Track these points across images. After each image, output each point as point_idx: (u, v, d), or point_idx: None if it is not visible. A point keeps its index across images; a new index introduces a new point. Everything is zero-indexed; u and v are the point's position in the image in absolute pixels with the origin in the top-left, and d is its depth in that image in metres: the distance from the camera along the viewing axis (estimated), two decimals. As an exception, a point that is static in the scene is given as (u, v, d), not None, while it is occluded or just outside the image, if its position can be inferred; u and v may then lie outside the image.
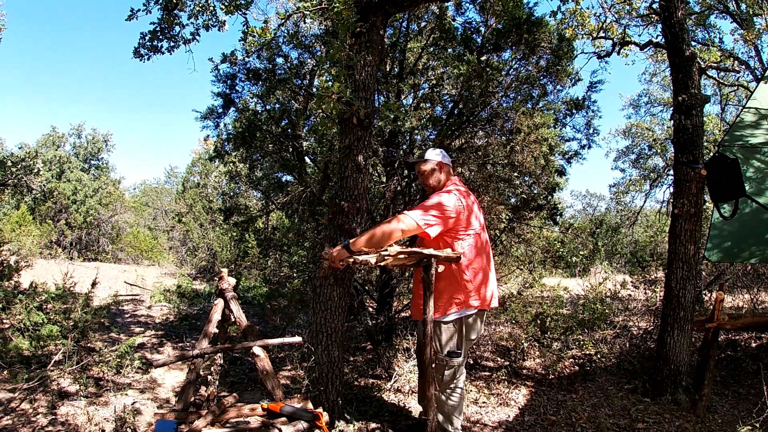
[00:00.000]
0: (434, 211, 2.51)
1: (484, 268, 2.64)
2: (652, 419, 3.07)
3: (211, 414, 2.21)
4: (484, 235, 2.72)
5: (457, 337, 2.59)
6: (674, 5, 3.55)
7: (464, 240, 2.58)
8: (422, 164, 2.78)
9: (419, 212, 2.50)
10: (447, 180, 2.77)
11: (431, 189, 2.78)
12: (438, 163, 2.76)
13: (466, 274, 2.56)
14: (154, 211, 19.00)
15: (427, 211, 2.50)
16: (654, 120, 14.12)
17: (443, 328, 2.57)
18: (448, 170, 2.80)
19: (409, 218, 2.47)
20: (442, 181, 2.76)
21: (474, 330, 2.66)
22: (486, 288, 2.64)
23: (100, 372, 3.48)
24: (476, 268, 2.59)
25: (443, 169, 2.77)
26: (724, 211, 3.72)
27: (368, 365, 4.22)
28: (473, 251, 2.60)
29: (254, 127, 4.62)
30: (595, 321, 4.61)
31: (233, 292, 2.96)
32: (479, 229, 2.67)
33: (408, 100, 4.90)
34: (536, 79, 4.35)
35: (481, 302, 2.60)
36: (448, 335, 2.58)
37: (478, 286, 2.59)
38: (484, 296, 2.63)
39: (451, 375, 2.61)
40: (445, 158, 2.80)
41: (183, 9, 3.57)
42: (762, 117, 3.49)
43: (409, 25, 4.64)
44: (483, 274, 2.62)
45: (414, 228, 2.47)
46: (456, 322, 2.58)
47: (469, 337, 2.65)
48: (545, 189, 4.70)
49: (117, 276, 8.93)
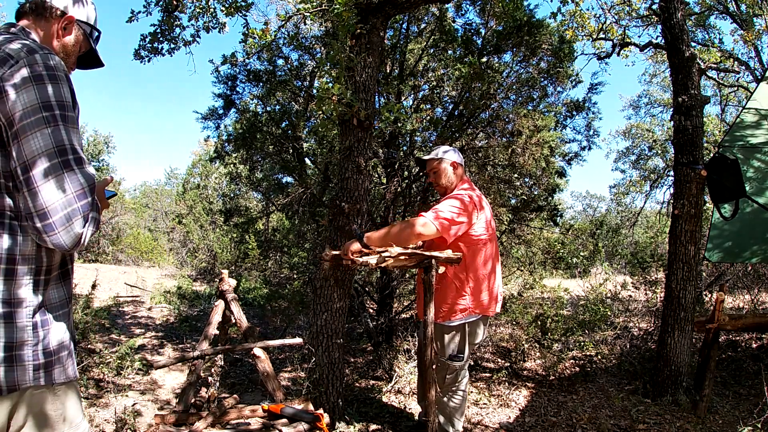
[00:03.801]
0: (453, 214, 2.39)
1: (492, 274, 2.58)
2: (653, 420, 3.07)
3: (211, 415, 2.21)
4: (495, 241, 2.64)
5: (459, 341, 2.55)
6: (674, 6, 3.56)
7: (476, 245, 2.51)
8: (435, 162, 2.65)
9: (437, 215, 2.37)
10: (460, 181, 2.65)
11: (443, 189, 2.66)
12: (452, 162, 2.63)
13: (472, 281, 2.50)
14: (155, 212, 19.00)
15: (446, 215, 2.38)
16: (654, 121, 14.14)
17: (447, 332, 2.53)
18: (461, 170, 2.68)
19: (429, 223, 2.34)
20: (455, 182, 2.63)
21: (477, 334, 2.61)
22: (492, 295, 2.58)
23: (100, 373, 3.48)
24: (484, 275, 2.52)
25: (457, 169, 2.64)
26: (725, 212, 3.71)
27: (369, 367, 4.21)
28: (483, 257, 2.52)
29: (255, 128, 4.63)
30: (595, 322, 4.61)
31: (234, 294, 2.96)
32: (491, 235, 2.59)
33: (408, 101, 4.91)
34: (537, 81, 4.35)
35: (485, 309, 2.54)
36: (451, 339, 2.54)
37: (483, 292, 2.53)
38: (489, 303, 2.56)
39: (453, 378, 2.59)
40: (460, 157, 2.67)
41: (183, 11, 3.58)
42: (762, 117, 3.49)
43: (409, 26, 4.65)
44: (490, 280, 2.55)
45: (432, 233, 2.36)
46: (460, 326, 2.54)
47: (473, 342, 2.61)
48: (546, 190, 4.71)
49: (117, 277, 8.93)
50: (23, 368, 1.08)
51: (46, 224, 1.04)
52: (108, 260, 11.98)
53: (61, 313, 1.17)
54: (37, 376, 1.09)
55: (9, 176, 1.07)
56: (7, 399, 1.07)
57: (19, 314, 1.07)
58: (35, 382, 1.09)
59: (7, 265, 1.06)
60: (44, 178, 1.03)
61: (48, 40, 1.24)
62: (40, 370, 1.10)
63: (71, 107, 1.11)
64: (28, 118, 1.04)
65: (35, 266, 1.11)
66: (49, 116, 1.05)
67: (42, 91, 1.06)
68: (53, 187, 1.04)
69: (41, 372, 1.10)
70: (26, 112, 1.04)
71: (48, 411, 1.13)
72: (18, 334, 1.07)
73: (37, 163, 1.03)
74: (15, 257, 1.07)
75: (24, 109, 1.04)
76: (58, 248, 1.07)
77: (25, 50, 1.08)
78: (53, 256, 1.16)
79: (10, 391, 1.07)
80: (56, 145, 1.05)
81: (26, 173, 1.03)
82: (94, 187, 1.12)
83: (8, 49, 1.08)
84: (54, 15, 1.24)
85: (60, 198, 1.04)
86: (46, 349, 1.11)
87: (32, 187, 1.03)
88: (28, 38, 1.16)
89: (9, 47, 1.09)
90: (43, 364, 1.11)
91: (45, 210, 1.03)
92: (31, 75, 1.06)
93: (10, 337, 1.06)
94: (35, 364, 1.09)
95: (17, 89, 1.04)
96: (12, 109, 1.04)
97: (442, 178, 2.64)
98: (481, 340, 2.69)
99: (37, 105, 1.05)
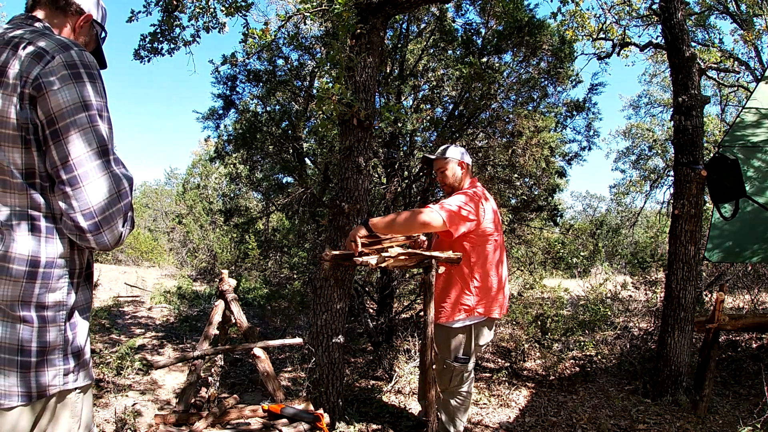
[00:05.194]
0: (461, 209, 2.36)
1: (498, 275, 2.55)
2: (653, 420, 3.07)
3: (211, 415, 2.21)
4: (500, 242, 2.61)
5: (465, 343, 2.52)
6: (674, 6, 3.55)
7: (482, 245, 2.48)
8: (443, 161, 2.63)
9: (444, 208, 2.34)
10: (466, 180, 2.65)
11: (449, 188, 2.65)
12: (460, 161, 2.62)
13: (476, 280, 2.48)
14: (154, 212, 19.00)
15: (453, 208, 2.34)
16: (654, 121, 14.15)
17: (452, 334, 2.51)
18: (469, 170, 2.68)
19: (435, 213, 2.30)
20: (462, 182, 2.63)
21: (483, 336, 2.58)
22: (497, 296, 2.55)
23: (100, 373, 3.48)
24: (489, 275, 2.50)
25: (464, 168, 2.64)
26: (725, 212, 3.71)
27: (369, 367, 4.21)
28: (489, 257, 2.50)
29: (255, 128, 4.63)
30: (595, 322, 4.61)
31: (234, 294, 2.96)
32: (498, 235, 2.57)
33: (408, 101, 4.91)
34: (537, 81, 4.35)
35: (490, 310, 2.52)
36: (456, 341, 2.52)
37: (488, 293, 2.51)
38: (494, 305, 2.54)
39: (458, 380, 2.56)
40: (467, 157, 2.67)
41: (183, 11, 3.58)
42: (763, 116, 3.49)
43: (409, 26, 4.65)
44: (495, 281, 2.53)
45: (439, 225, 2.30)
46: (465, 328, 2.51)
47: (478, 343, 2.59)
48: (546, 190, 4.71)
49: (117, 277, 8.93)
50: (55, 372, 1.05)
51: (91, 223, 1.02)
52: (108, 260, 11.98)
53: (86, 316, 1.16)
54: (66, 381, 1.07)
55: (45, 176, 1.05)
56: (36, 405, 1.04)
57: (52, 318, 1.05)
58: (64, 386, 1.07)
59: (44, 269, 1.04)
60: (89, 177, 1.01)
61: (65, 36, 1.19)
62: (69, 374, 1.08)
63: (107, 106, 1.10)
64: (70, 117, 1.01)
65: (69, 269, 1.09)
66: (92, 115, 1.03)
67: (82, 89, 1.03)
68: (98, 187, 1.02)
69: (70, 376, 1.08)
70: (68, 111, 1.01)
71: (69, 416, 1.11)
72: (51, 338, 1.04)
73: (83, 163, 1.01)
74: (52, 260, 1.05)
75: (66, 107, 1.01)
76: (101, 247, 1.05)
77: (58, 45, 1.05)
78: (83, 258, 1.14)
79: (40, 397, 1.04)
80: (99, 144, 1.04)
81: (70, 173, 1.01)
82: (133, 186, 1.11)
83: (40, 44, 1.04)
84: (72, 11, 1.21)
85: (105, 197, 1.03)
86: (75, 351, 1.09)
87: (77, 187, 1.01)
88: (52, 32, 1.13)
89: (39, 41, 1.05)
90: (73, 368, 1.09)
91: (90, 209, 1.01)
92: (70, 72, 1.03)
93: (43, 342, 1.03)
94: (65, 368, 1.07)
95: (57, 87, 1.01)
96: (54, 107, 1.01)
97: (450, 177, 2.63)
98: (487, 342, 2.66)
99: (79, 104, 1.02)
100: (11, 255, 1.01)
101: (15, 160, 1.03)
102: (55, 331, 1.05)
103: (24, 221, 1.04)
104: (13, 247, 1.02)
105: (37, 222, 1.04)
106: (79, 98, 1.02)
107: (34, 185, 1.04)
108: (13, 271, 1.01)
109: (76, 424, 1.12)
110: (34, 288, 1.03)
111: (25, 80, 1.01)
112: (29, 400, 1.02)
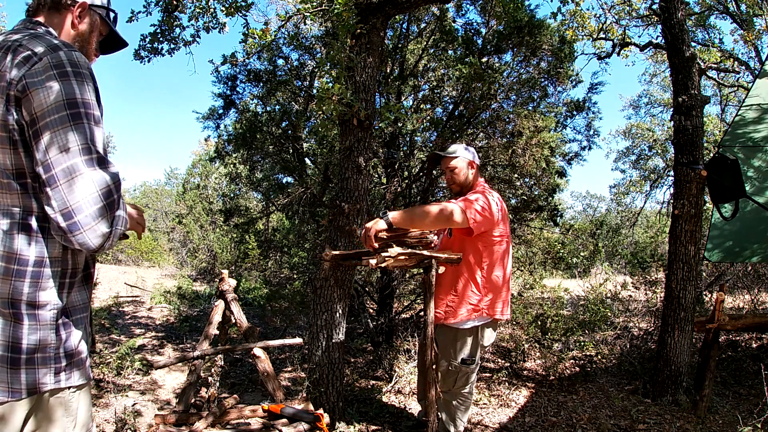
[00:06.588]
0: (484, 209, 2.34)
1: (505, 276, 2.55)
2: (653, 420, 3.07)
3: (211, 415, 2.21)
4: (509, 241, 2.61)
5: (472, 345, 2.52)
6: (674, 6, 3.56)
7: (494, 246, 2.48)
8: (453, 160, 2.60)
9: (466, 206, 2.32)
10: (475, 180, 2.64)
11: (458, 188, 2.62)
12: (471, 161, 2.60)
13: (486, 280, 2.47)
14: (155, 212, 19.00)
15: (473, 207, 2.32)
16: (654, 121, 14.14)
17: (459, 335, 2.50)
18: (477, 170, 2.66)
19: (458, 209, 2.28)
20: (471, 181, 2.61)
21: (488, 337, 2.58)
22: (505, 297, 2.55)
23: (100, 373, 3.48)
24: (498, 276, 2.50)
25: (473, 168, 2.62)
26: (725, 212, 3.71)
27: (369, 367, 4.21)
28: (500, 258, 2.50)
29: (255, 128, 4.63)
30: (595, 322, 4.60)
31: (234, 294, 2.96)
32: (507, 237, 2.57)
33: (408, 101, 4.91)
34: (537, 81, 4.35)
35: (494, 311, 2.51)
36: (463, 343, 2.51)
37: (497, 294, 2.50)
38: (503, 305, 2.53)
39: (463, 381, 2.56)
40: (476, 157, 2.67)
41: (183, 11, 3.58)
42: (764, 112, 3.47)
43: (410, 26, 4.65)
44: (503, 282, 2.53)
45: (460, 221, 2.29)
46: (473, 329, 2.50)
47: (483, 345, 2.58)
48: (546, 190, 4.71)
49: (117, 277, 8.93)
50: (46, 371, 1.06)
51: (70, 223, 1.01)
52: (108, 260, 11.98)
53: (83, 316, 1.16)
54: (58, 379, 1.08)
55: (35, 177, 1.05)
56: (25, 402, 1.05)
57: (43, 317, 1.06)
58: (56, 384, 1.08)
59: (33, 268, 1.05)
60: (68, 176, 1.00)
61: (66, 33, 1.22)
62: (61, 372, 1.09)
63: (96, 105, 1.08)
64: (52, 116, 1.01)
65: (61, 269, 1.09)
66: (74, 114, 1.03)
67: (67, 88, 1.03)
68: (77, 186, 1.01)
69: (62, 375, 1.09)
70: (49, 110, 1.01)
71: (64, 415, 1.11)
72: (42, 337, 1.05)
73: (60, 161, 1.00)
74: (42, 260, 1.06)
75: (48, 106, 1.01)
76: (84, 248, 1.04)
77: (48, 47, 1.06)
78: (78, 259, 1.14)
79: (30, 394, 1.05)
80: (80, 143, 1.02)
81: (49, 172, 1.00)
82: (120, 185, 1.09)
83: (31, 47, 1.06)
84: (66, 5, 1.21)
85: (84, 197, 1.01)
86: (67, 351, 1.10)
87: (55, 186, 1.00)
88: (50, 35, 1.14)
89: (31, 45, 1.06)
90: (65, 367, 1.09)
91: (69, 209, 1.00)
92: (55, 72, 1.03)
93: (34, 340, 1.05)
94: (57, 367, 1.08)
95: (41, 87, 1.02)
96: (36, 106, 1.01)
97: (460, 176, 2.61)
98: (491, 343, 2.66)
99: (61, 102, 1.02)
100: (1, 254, 1.03)
101: (5, 162, 1.05)
102: (46, 329, 1.06)
103: (15, 221, 1.05)
104: (2, 246, 1.03)
105: (28, 222, 1.06)
106: (61, 97, 1.02)
107: (25, 186, 1.06)
108: (2, 269, 1.03)
109: (71, 423, 1.12)
110: (23, 286, 1.04)
111: (11, 83, 1.02)
112: (19, 397, 1.04)
